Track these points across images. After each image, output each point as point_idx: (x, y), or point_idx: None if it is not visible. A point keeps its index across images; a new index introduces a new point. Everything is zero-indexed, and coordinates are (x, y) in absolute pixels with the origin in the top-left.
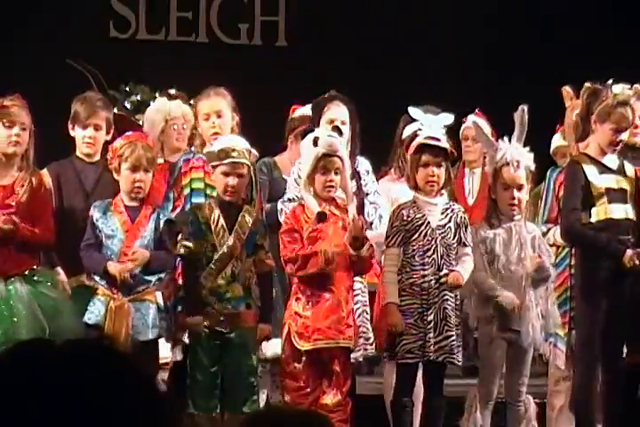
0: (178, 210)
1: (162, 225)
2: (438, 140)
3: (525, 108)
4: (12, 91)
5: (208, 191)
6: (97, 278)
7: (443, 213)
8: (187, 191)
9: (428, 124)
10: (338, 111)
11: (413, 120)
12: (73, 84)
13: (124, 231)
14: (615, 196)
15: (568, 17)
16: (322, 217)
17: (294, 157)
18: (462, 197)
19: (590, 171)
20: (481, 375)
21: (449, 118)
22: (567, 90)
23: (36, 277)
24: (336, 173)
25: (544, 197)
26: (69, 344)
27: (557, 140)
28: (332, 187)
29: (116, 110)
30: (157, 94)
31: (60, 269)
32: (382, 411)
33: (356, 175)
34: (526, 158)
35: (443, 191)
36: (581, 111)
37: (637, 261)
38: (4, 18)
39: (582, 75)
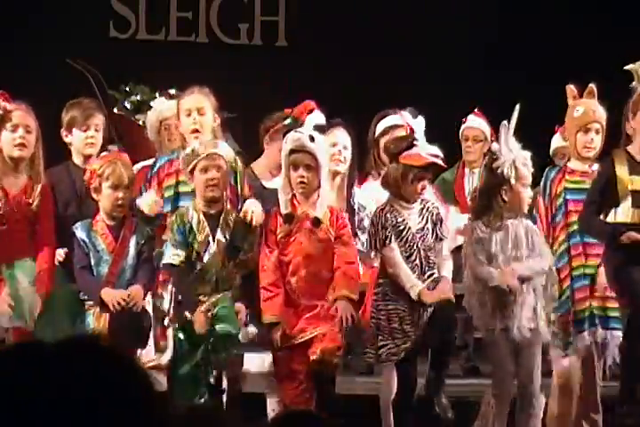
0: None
1: (143, 238)
2: (440, 156)
3: (518, 106)
4: (10, 92)
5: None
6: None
7: (420, 216)
8: (169, 193)
9: (420, 135)
10: (340, 135)
11: (383, 117)
12: (73, 84)
13: (110, 252)
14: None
15: (568, 17)
16: (288, 219)
17: (271, 160)
18: (462, 197)
19: (621, 167)
20: (493, 376)
21: (423, 122)
22: (571, 88)
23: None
24: (308, 170)
25: (540, 198)
26: (61, 344)
27: (557, 141)
28: (304, 183)
29: (115, 110)
30: (157, 94)
31: None
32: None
33: (349, 209)
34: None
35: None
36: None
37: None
38: (4, 18)
39: (582, 75)
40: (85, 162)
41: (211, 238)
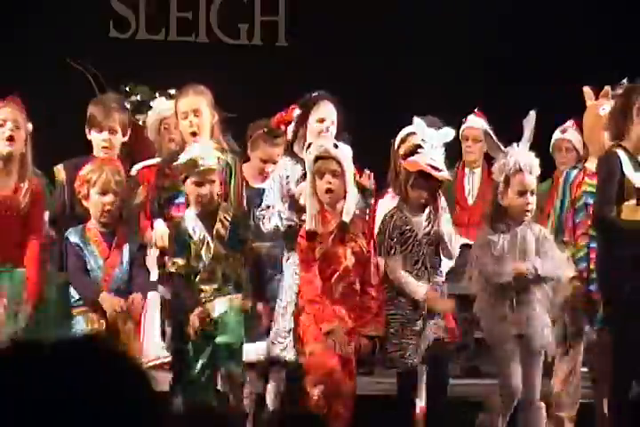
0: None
1: (135, 249)
2: (439, 169)
3: (534, 113)
4: (10, 91)
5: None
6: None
7: (426, 220)
8: (169, 194)
9: (430, 144)
10: (327, 110)
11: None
12: (73, 84)
13: (104, 258)
14: None
15: (569, 17)
16: (311, 237)
17: (254, 166)
18: (462, 197)
19: (627, 164)
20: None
21: (450, 135)
22: (587, 90)
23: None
24: (334, 176)
25: (558, 202)
26: (59, 344)
27: (557, 135)
28: (331, 191)
29: None
30: (157, 94)
31: None
32: (382, 411)
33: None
34: (535, 163)
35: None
36: (617, 108)
37: None
38: (3, 18)
39: (582, 75)
40: None
41: (208, 237)
